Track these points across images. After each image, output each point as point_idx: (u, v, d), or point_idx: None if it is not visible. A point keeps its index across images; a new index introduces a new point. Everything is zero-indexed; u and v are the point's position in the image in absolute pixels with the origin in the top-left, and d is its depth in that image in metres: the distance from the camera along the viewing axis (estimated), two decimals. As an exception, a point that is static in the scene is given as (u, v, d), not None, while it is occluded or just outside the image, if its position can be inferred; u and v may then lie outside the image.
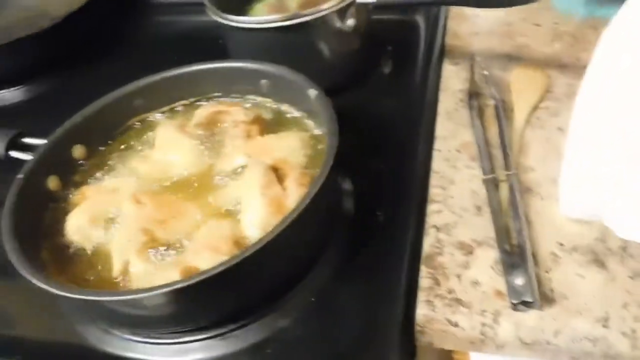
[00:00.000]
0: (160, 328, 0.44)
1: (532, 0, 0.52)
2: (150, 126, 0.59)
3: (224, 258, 0.41)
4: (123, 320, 0.45)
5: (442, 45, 0.72)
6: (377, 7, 0.60)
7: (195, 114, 0.57)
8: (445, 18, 0.76)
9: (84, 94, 0.77)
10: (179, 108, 0.60)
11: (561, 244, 0.47)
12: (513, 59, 0.68)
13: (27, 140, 0.54)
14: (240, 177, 0.50)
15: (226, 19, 0.60)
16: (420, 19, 0.76)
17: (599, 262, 0.45)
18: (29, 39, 0.80)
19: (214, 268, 0.38)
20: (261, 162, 0.49)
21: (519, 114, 0.59)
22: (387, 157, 0.58)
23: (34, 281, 0.40)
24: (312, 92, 0.51)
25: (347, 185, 0.54)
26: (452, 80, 0.66)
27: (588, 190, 0.48)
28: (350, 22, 0.60)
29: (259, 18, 0.60)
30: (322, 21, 0.59)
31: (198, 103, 0.60)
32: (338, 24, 0.60)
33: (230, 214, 0.48)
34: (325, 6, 0.58)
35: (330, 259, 0.48)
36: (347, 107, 0.52)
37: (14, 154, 0.53)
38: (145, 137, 0.58)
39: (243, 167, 0.51)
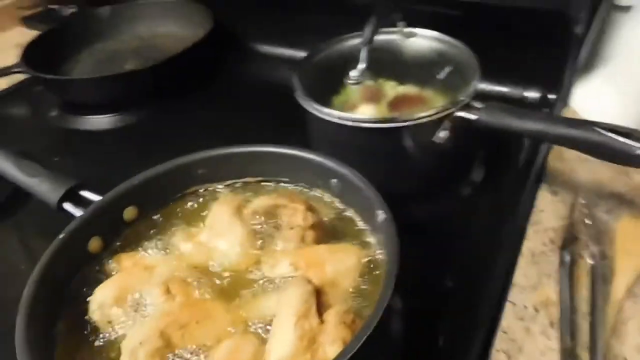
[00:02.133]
0: None
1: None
2: (208, 199, 0.56)
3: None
4: None
5: (543, 167, 0.64)
6: (475, 127, 0.53)
7: (253, 201, 0.53)
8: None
9: (169, 133, 0.80)
10: (242, 185, 0.57)
11: None
12: (624, 202, 0.58)
13: (84, 193, 0.53)
14: (280, 290, 0.45)
15: (316, 110, 0.56)
16: (523, 131, 0.68)
17: None
18: (133, 73, 0.83)
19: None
20: (305, 284, 0.43)
21: (621, 280, 0.49)
22: (453, 293, 0.50)
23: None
24: (381, 215, 0.45)
25: (397, 303, 0.48)
26: (546, 214, 0.57)
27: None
28: (442, 134, 0.54)
29: (350, 115, 0.56)
30: (411, 129, 0.53)
31: (263, 183, 0.57)
32: (430, 133, 0.54)
33: (257, 334, 0.43)
34: (416, 115, 0.52)
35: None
36: (419, 217, 0.46)
37: (67, 206, 0.51)
38: (200, 210, 0.55)
39: (286, 277, 0.46)
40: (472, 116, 0.53)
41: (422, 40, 0.65)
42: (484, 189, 0.62)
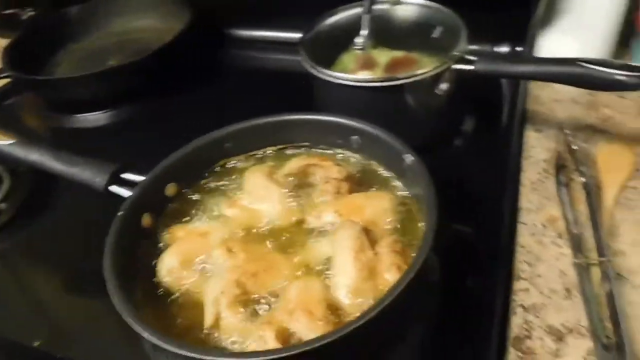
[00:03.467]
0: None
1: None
2: (239, 170, 0.60)
3: (320, 323, 0.42)
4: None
5: (524, 110, 0.72)
6: (474, 76, 0.60)
7: (286, 165, 0.58)
8: (527, 81, 0.76)
9: (165, 123, 0.82)
10: (268, 153, 0.62)
11: (656, 340, 0.45)
12: (597, 131, 0.67)
13: (126, 175, 0.56)
14: (332, 235, 0.50)
15: (321, 72, 0.62)
16: (503, 80, 0.76)
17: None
18: (122, 68, 0.84)
19: (316, 340, 0.38)
20: (355, 224, 0.49)
21: (608, 193, 0.58)
22: (471, 225, 0.58)
23: (136, 328, 0.41)
24: (408, 158, 0.52)
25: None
26: (536, 149, 0.66)
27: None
28: (444, 86, 0.60)
29: (357, 77, 0.61)
30: (417, 83, 0.59)
31: (287, 151, 0.62)
32: (432, 87, 0.61)
33: (321, 273, 0.48)
34: (422, 70, 0.59)
35: (417, 332, 0.48)
36: (429, 166, 0.53)
37: (114, 188, 0.55)
38: (234, 180, 0.59)
39: (332, 224, 0.52)
40: (469, 67, 0.60)
41: (407, 7, 0.71)
42: (479, 136, 0.70)
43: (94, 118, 0.88)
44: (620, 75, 0.51)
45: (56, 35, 1.02)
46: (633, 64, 0.52)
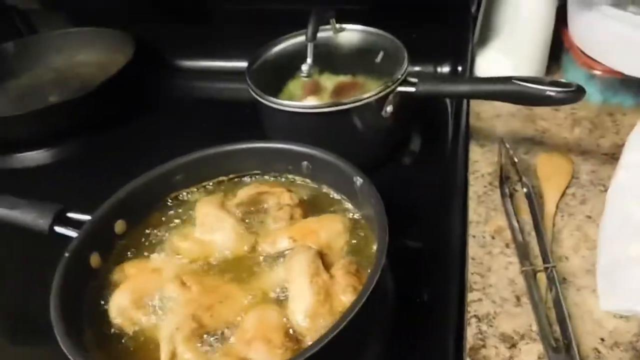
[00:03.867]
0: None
1: (579, 98, 0.55)
2: (190, 202, 0.59)
3: (279, 351, 0.42)
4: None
5: (467, 126, 0.75)
6: (417, 97, 0.62)
7: (237, 194, 0.58)
8: (468, 100, 0.80)
9: (110, 159, 0.80)
10: (218, 184, 0.61)
11: (602, 339, 0.47)
12: (536, 143, 0.71)
13: (71, 215, 0.54)
14: (287, 261, 0.50)
15: (268, 100, 0.62)
16: (447, 100, 0.79)
17: (642, 361, 0.46)
18: (64, 104, 0.82)
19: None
20: (309, 249, 0.50)
21: (549, 201, 0.61)
22: (423, 240, 0.59)
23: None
24: (359, 180, 0.53)
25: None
26: (480, 164, 0.68)
27: (624, 285, 0.49)
28: (389, 108, 0.62)
29: (304, 103, 0.62)
30: (362, 107, 0.61)
31: (237, 180, 0.62)
32: (377, 109, 0.62)
33: (277, 300, 0.48)
34: (367, 94, 0.60)
35: (376, 349, 0.48)
36: (379, 186, 0.54)
37: (59, 229, 0.53)
38: (185, 212, 0.58)
39: (288, 250, 0.52)
40: (411, 89, 0.62)
41: (350, 34, 0.73)
42: (426, 154, 0.72)
43: (34, 157, 0.85)
44: (550, 91, 0.54)
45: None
46: (561, 80, 0.56)
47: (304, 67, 0.66)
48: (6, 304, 0.59)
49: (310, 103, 0.62)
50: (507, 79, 0.57)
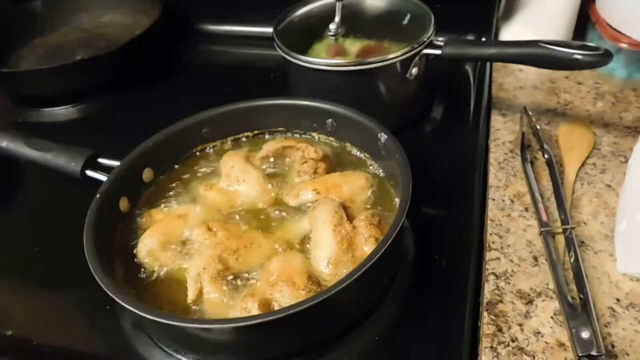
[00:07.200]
0: (229, 356, 0.45)
1: (606, 62, 0.54)
2: (215, 155, 0.61)
3: (301, 292, 0.43)
4: (191, 346, 0.46)
5: (490, 96, 0.75)
6: (443, 59, 0.62)
7: (262, 147, 0.59)
8: (491, 70, 0.80)
9: (136, 116, 0.81)
10: (243, 139, 0.62)
11: (618, 300, 0.48)
12: (558, 114, 0.71)
13: (102, 160, 0.56)
14: (311, 211, 0.51)
15: (296, 58, 0.63)
16: (469, 69, 0.79)
17: (656, 321, 0.46)
18: (90, 61, 0.83)
19: (301, 302, 0.39)
20: (332, 200, 0.51)
21: (569, 169, 0.61)
22: (444, 202, 0.60)
23: (119, 300, 0.41)
24: (383, 136, 0.53)
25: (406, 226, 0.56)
26: (501, 132, 0.68)
27: (641, 249, 0.50)
28: (414, 70, 0.63)
29: (330, 61, 0.63)
30: (387, 68, 0.61)
31: (262, 136, 0.63)
32: (402, 72, 0.63)
33: (301, 249, 0.49)
34: (392, 54, 0.61)
35: (395, 299, 0.49)
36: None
37: (90, 173, 0.54)
38: (210, 165, 0.60)
39: (312, 202, 0.53)
40: (437, 51, 0.62)
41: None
42: (448, 121, 0.72)
43: (63, 112, 0.86)
44: (578, 54, 0.54)
45: (21, 29, 1.00)
46: (589, 44, 0.55)
47: (332, 26, 0.67)
48: (42, 249, 0.61)
49: (336, 60, 0.63)
50: (533, 42, 0.57)
